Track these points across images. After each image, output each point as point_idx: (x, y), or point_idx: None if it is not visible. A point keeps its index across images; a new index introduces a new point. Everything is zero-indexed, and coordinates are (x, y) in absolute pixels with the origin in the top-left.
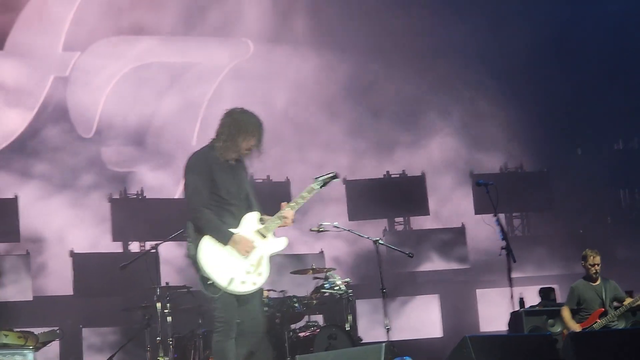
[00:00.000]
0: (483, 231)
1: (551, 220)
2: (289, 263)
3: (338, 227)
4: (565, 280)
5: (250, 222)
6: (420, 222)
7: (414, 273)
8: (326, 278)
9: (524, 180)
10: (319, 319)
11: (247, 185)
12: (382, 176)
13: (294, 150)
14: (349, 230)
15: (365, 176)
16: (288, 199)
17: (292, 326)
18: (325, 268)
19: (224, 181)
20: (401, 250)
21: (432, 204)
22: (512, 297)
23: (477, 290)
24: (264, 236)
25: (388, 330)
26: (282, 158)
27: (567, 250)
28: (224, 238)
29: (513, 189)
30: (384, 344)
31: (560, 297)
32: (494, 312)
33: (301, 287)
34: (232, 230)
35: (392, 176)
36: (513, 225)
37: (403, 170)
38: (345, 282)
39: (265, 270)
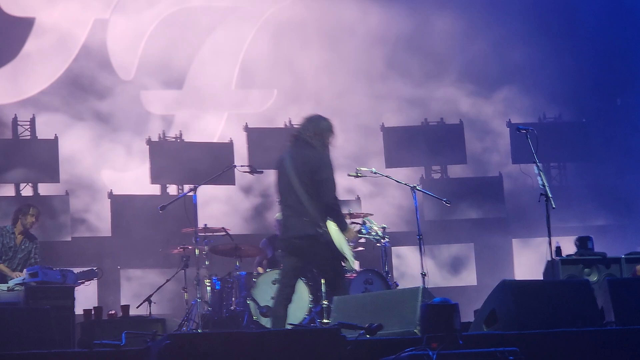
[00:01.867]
0: (520, 181)
1: (588, 171)
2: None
3: (375, 173)
4: (602, 230)
5: None
6: (457, 171)
7: (450, 221)
8: (363, 223)
9: (562, 130)
10: (357, 264)
11: None
12: (419, 123)
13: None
14: (386, 176)
15: (404, 123)
16: None
17: None
18: (362, 213)
19: None
20: (438, 197)
21: (469, 152)
22: (549, 246)
23: (513, 240)
24: None
25: (424, 276)
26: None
27: (604, 201)
28: (346, 228)
29: (551, 139)
30: (421, 287)
31: (597, 246)
32: (530, 262)
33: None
34: None
35: (430, 123)
36: (551, 175)
37: (441, 118)
38: (382, 227)
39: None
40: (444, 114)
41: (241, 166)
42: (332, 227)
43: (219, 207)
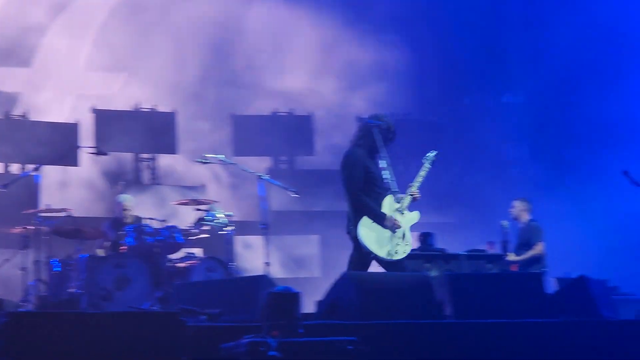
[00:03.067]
0: None
1: (434, 168)
2: (172, 194)
3: (223, 160)
4: (444, 227)
5: (390, 203)
6: (305, 162)
7: (296, 212)
8: (209, 210)
9: (410, 128)
10: (200, 251)
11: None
12: (269, 113)
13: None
14: (234, 164)
15: (254, 112)
16: None
17: (171, 256)
18: (208, 200)
19: (373, 169)
20: (285, 187)
21: (318, 144)
22: None
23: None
24: (402, 213)
25: (267, 265)
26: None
27: (447, 198)
28: (380, 219)
29: (398, 135)
30: (263, 275)
31: (438, 242)
32: None
33: (183, 218)
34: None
35: (280, 114)
36: (399, 171)
37: (291, 109)
38: (227, 215)
39: (409, 240)
40: (293, 105)
41: (87, 147)
42: (365, 222)
43: (65, 188)
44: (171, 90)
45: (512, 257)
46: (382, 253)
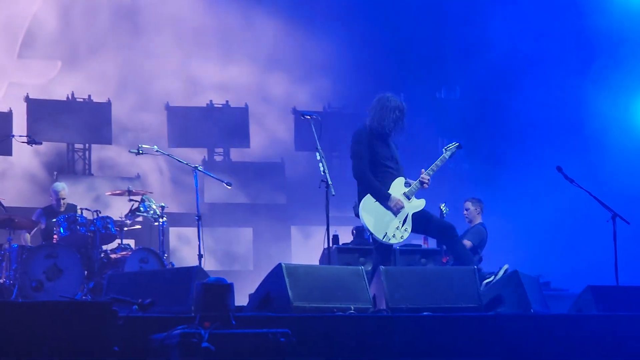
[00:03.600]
0: (302, 168)
1: None
2: (106, 184)
3: (158, 151)
4: None
5: (399, 185)
6: (240, 155)
7: (231, 205)
8: (142, 201)
9: (345, 121)
10: (133, 242)
11: (397, 152)
12: (205, 105)
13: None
14: (168, 155)
15: (190, 103)
16: None
17: (104, 247)
18: (142, 191)
19: (382, 147)
20: (219, 179)
21: (253, 137)
22: (327, 233)
23: (292, 227)
24: (408, 198)
25: (201, 257)
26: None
27: None
28: (383, 199)
29: (334, 129)
30: (196, 266)
31: None
32: (307, 249)
33: (116, 209)
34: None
35: (215, 106)
36: (332, 164)
37: (227, 101)
38: (161, 207)
39: (409, 227)
40: (229, 97)
41: (19, 136)
42: (368, 200)
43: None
44: (106, 81)
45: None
46: (379, 234)
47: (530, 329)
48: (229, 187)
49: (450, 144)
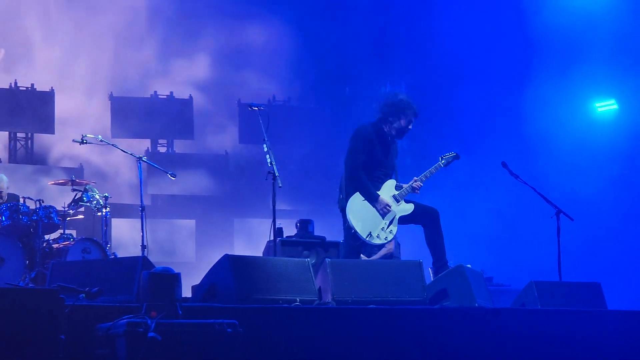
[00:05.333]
0: (246, 160)
1: (314, 155)
2: (49, 174)
3: (102, 141)
4: (324, 215)
5: (389, 187)
6: (184, 146)
7: (174, 196)
8: (85, 191)
9: (290, 114)
10: (75, 232)
11: (395, 158)
12: (149, 95)
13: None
14: (112, 145)
15: (135, 94)
16: None
17: (47, 236)
18: (85, 181)
19: (379, 152)
20: (164, 170)
21: (197, 128)
22: (272, 225)
23: (235, 219)
24: (397, 201)
25: (144, 248)
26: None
27: (329, 186)
28: (372, 199)
29: (280, 122)
30: (141, 256)
31: (317, 230)
32: (250, 241)
33: (59, 198)
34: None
35: (160, 97)
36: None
37: (171, 92)
38: (104, 197)
39: (394, 229)
40: (174, 89)
41: None
42: (357, 198)
43: None
44: (50, 69)
45: None
46: (363, 232)
47: (474, 323)
48: (173, 178)
49: (448, 153)
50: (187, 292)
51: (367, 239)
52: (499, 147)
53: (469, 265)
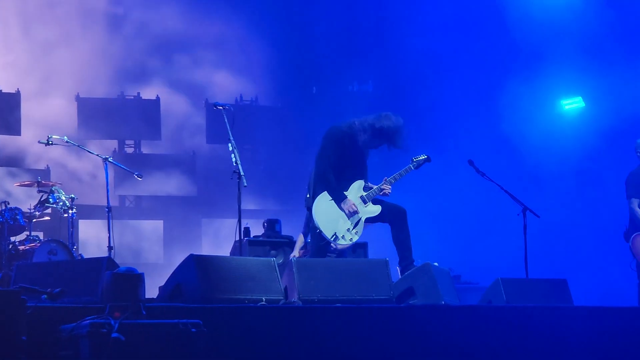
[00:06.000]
0: (213, 161)
1: (281, 154)
2: (15, 175)
3: (68, 142)
4: (291, 214)
5: (357, 188)
6: (151, 147)
7: (141, 197)
8: (51, 192)
9: (257, 114)
10: (42, 234)
11: (365, 161)
12: (116, 96)
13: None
14: (78, 146)
15: (101, 95)
16: None
17: (13, 238)
18: (51, 182)
19: (349, 153)
20: (130, 171)
21: (164, 129)
22: (238, 224)
23: (203, 219)
24: (364, 202)
25: (111, 249)
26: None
27: (295, 185)
28: (339, 199)
29: (246, 121)
30: (105, 257)
31: (284, 229)
32: (218, 241)
33: (25, 200)
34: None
35: (127, 97)
36: (244, 157)
37: (138, 93)
38: (70, 198)
39: (360, 231)
40: (140, 89)
41: None
42: (324, 198)
43: None
44: (15, 70)
45: None
46: (328, 233)
47: (441, 321)
48: (140, 179)
49: (419, 156)
50: (155, 293)
51: (332, 239)
52: (466, 145)
53: (435, 264)
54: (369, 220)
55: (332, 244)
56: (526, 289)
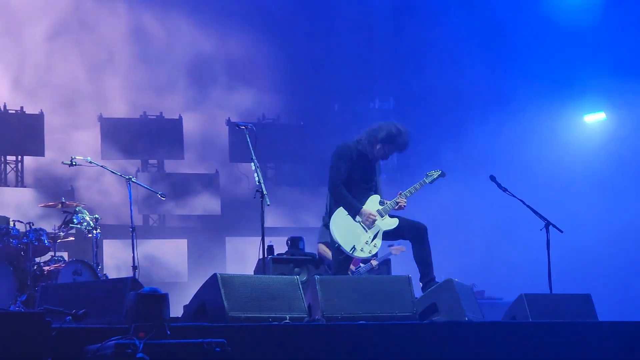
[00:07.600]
0: (237, 179)
1: (304, 172)
2: (39, 196)
3: (91, 162)
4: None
5: (373, 202)
6: (174, 166)
7: (164, 216)
8: (75, 213)
9: (280, 132)
10: (66, 255)
11: (376, 176)
12: (138, 116)
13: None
14: (101, 166)
15: (123, 115)
16: None
17: (38, 259)
18: (74, 203)
19: (359, 169)
20: (154, 191)
21: (187, 148)
22: (262, 243)
23: (227, 238)
24: (381, 215)
25: (135, 269)
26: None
27: (317, 203)
28: (355, 212)
29: (269, 140)
30: (130, 277)
31: (307, 247)
32: (242, 260)
33: (50, 221)
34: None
35: (149, 117)
36: (267, 175)
37: (160, 112)
38: (94, 218)
39: (379, 243)
40: (163, 109)
41: None
42: (340, 213)
43: None
44: (39, 92)
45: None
46: (347, 246)
47: (465, 337)
48: (163, 199)
49: (433, 171)
50: (179, 312)
51: (351, 252)
52: (488, 161)
53: (457, 280)
54: (390, 236)
55: (351, 257)
56: (550, 304)
